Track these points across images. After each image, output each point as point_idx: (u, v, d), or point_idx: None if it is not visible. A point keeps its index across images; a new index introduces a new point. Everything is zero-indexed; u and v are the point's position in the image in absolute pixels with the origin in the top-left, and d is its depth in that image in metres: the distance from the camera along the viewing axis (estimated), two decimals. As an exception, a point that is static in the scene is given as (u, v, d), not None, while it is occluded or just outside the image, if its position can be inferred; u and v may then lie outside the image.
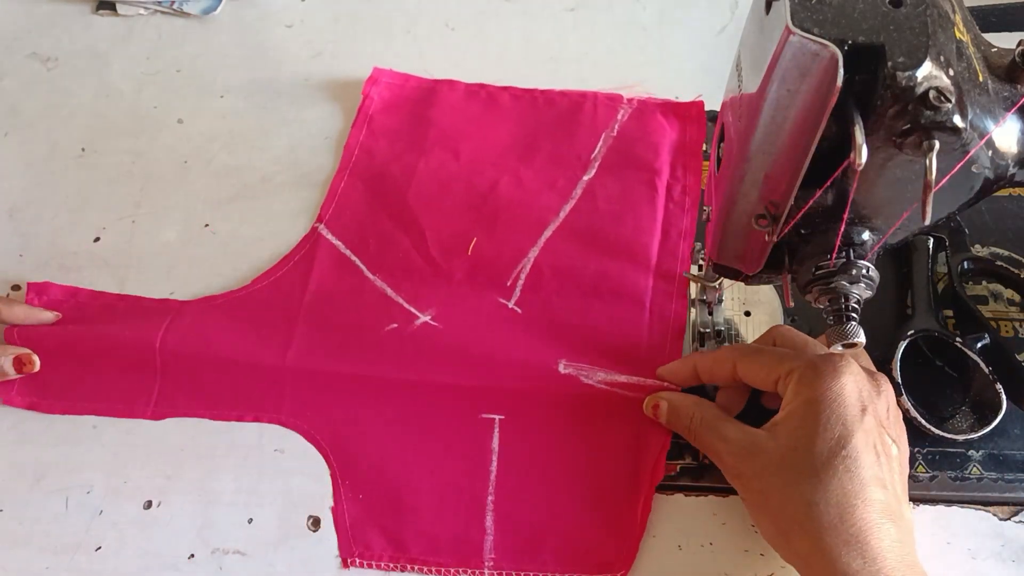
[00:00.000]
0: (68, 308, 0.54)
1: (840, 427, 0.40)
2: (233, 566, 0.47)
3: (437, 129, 0.60)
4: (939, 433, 0.47)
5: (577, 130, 0.59)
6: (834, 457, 0.39)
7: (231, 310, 0.54)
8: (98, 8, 0.68)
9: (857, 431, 0.40)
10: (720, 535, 0.47)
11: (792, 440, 0.41)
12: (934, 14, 0.30)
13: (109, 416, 0.51)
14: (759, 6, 0.33)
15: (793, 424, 0.41)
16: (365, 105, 0.62)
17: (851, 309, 0.37)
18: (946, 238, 0.53)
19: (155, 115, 0.63)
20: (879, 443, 0.41)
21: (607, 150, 0.58)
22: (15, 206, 0.60)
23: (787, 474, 0.40)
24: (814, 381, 0.41)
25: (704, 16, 0.67)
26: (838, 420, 0.40)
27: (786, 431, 0.41)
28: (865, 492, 0.39)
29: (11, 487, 0.50)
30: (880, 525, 0.38)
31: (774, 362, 0.44)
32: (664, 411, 0.48)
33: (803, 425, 0.41)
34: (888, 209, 0.36)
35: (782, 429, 0.42)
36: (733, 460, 0.43)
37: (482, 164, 0.58)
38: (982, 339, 0.49)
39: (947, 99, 0.29)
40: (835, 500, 0.39)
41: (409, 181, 0.58)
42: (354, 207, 0.57)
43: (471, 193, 0.57)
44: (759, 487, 0.42)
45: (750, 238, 0.39)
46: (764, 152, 0.34)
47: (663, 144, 0.58)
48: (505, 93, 0.62)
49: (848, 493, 0.39)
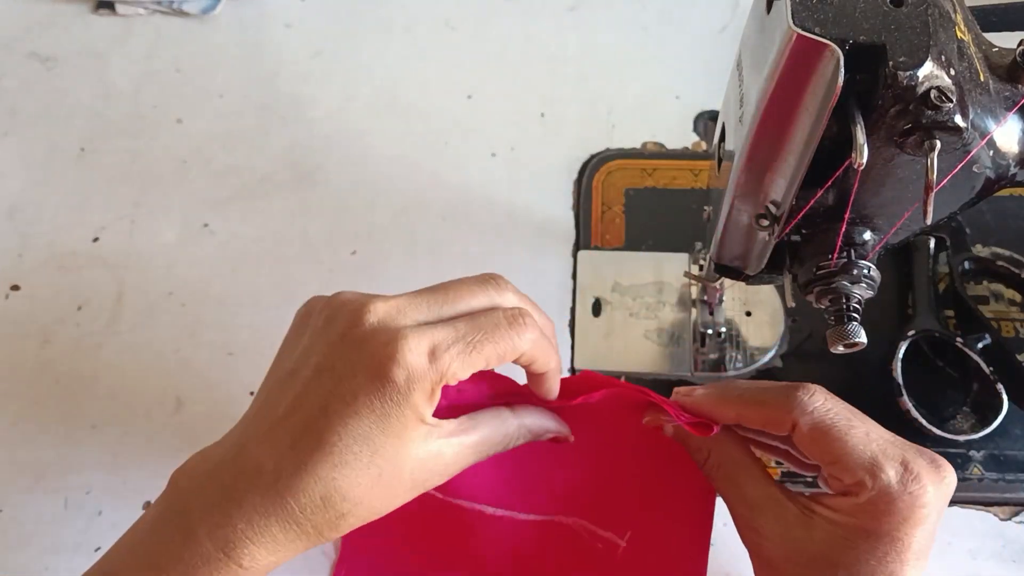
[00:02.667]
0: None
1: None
2: (233, 567, 0.47)
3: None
4: (940, 433, 0.47)
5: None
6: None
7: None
8: (97, 8, 0.68)
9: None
10: (721, 535, 0.47)
11: (837, 553, 0.34)
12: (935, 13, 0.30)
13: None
14: (760, 5, 0.33)
15: (849, 537, 0.34)
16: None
17: (852, 309, 0.37)
18: (947, 238, 0.52)
19: (154, 115, 0.63)
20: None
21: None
22: (14, 206, 0.60)
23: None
24: (923, 502, 0.34)
25: (704, 16, 0.67)
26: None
27: (836, 538, 0.35)
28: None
29: (11, 487, 0.50)
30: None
31: (862, 442, 0.35)
32: (670, 428, 0.41)
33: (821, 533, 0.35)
34: (889, 209, 0.36)
35: (828, 529, 0.35)
36: (747, 527, 0.38)
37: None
38: (983, 339, 0.49)
39: (948, 99, 0.29)
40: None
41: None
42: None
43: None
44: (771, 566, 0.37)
45: (751, 238, 0.39)
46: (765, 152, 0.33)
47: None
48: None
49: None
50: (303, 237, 0.58)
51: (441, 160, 0.61)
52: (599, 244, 0.57)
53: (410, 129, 0.62)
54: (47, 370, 0.54)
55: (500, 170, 0.60)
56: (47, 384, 0.54)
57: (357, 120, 0.63)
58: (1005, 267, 0.52)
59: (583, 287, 0.56)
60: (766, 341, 0.53)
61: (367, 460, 0.33)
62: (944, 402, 0.49)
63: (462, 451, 0.36)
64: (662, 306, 0.54)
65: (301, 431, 0.33)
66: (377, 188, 0.60)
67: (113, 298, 0.56)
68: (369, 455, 0.33)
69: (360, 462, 0.33)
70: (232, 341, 0.55)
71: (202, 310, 0.56)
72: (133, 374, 0.54)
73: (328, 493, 0.33)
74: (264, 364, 0.54)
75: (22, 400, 0.53)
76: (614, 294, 0.55)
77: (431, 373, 0.33)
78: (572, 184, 0.60)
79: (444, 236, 0.58)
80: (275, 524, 0.33)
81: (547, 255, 0.57)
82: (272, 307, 0.56)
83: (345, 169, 0.61)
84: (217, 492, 0.34)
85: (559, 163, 0.60)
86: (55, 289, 0.57)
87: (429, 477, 0.36)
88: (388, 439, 0.33)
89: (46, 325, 0.56)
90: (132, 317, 0.56)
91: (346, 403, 0.33)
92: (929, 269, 0.52)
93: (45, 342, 0.55)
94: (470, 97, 0.64)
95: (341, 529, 0.34)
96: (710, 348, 0.52)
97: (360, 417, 0.33)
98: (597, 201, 0.59)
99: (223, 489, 0.34)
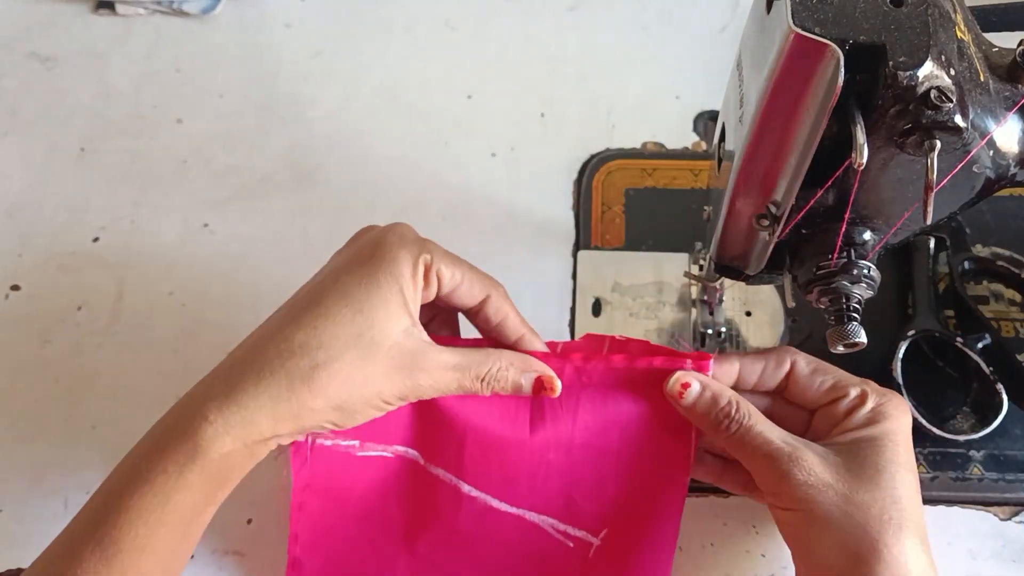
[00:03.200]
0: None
1: (912, 475, 0.38)
2: (232, 567, 0.47)
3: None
4: (940, 433, 0.47)
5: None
6: (907, 518, 0.37)
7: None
8: (97, 8, 0.68)
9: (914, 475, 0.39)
10: (721, 535, 0.47)
11: (862, 470, 0.38)
12: (935, 13, 0.30)
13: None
14: (760, 5, 0.33)
15: (868, 454, 0.38)
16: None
17: (852, 309, 0.37)
18: (947, 238, 0.52)
19: (154, 115, 0.63)
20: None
21: None
22: (14, 206, 0.60)
23: (847, 518, 0.36)
24: (898, 414, 0.40)
25: (704, 16, 0.67)
26: (910, 464, 0.39)
27: (858, 458, 0.38)
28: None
29: (11, 487, 0.50)
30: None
31: (846, 375, 0.41)
32: (694, 393, 0.41)
33: (884, 459, 0.38)
34: (889, 209, 0.36)
35: (851, 454, 0.38)
36: (772, 474, 0.38)
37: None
38: (983, 339, 0.49)
39: (948, 99, 0.29)
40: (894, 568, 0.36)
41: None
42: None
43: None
44: (803, 519, 0.38)
45: (751, 238, 0.39)
46: (765, 152, 0.34)
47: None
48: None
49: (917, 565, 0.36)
50: (303, 237, 0.58)
51: (441, 160, 0.61)
52: (599, 244, 0.57)
53: (410, 129, 0.62)
54: (47, 370, 0.54)
55: (500, 170, 0.60)
56: (47, 384, 0.54)
57: (357, 120, 0.63)
58: (1005, 267, 0.52)
59: (583, 287, 0.56)
60: (766, 341, 0.53)
61: (349, 317, 0.36)
62: (944, 402, 0.49)
63: (443, 366, 0.39)
64: (662, 306, 0.54)
65: (303, 298, 0.38)
66: (377, 188, 0.60)
67: (113, 298, 0.56)
68: (351, 313, 0.36)
69: (343, 315, 0.36)
70: (232, 341, 0.54)
71: (202, 310, 0.56)
72: (133, 374, 0.54)
73: (307, 339, 0.36)
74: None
75: (22, 400, 0.53)
76: (614, 294, 0.55)
77: (416, 247, 0.38)
78: (572, 184, 0.60)
79: (444, 236, 0.57)
80: (250, 374, 0.36)
81: (547, 255, 0.57)
82: (272, 307, 0.55)
83: (345, 169, 0.61)
84: (215, 373, 0.38)
85: (559, 163, 0.60)
86: (55, 289, 0.57)
87: (407, 376, 0.38)
88: (370, 298, 0.37)
89: (46, 325, 0.56)
90: (132, 317, 0.56)
91: (342, 268, 0.38)
92: (929, 269, 0.52)
93: (45, 342, 0.55)
94: (470, 97, 0.64)
95: (312, 384, 0.36)
96: (710, 348, 0.52)
97: (350, 274, 0.37)
98: (597, 201, 0.59)
99: (220, 369, 0.38)
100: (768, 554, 0.47)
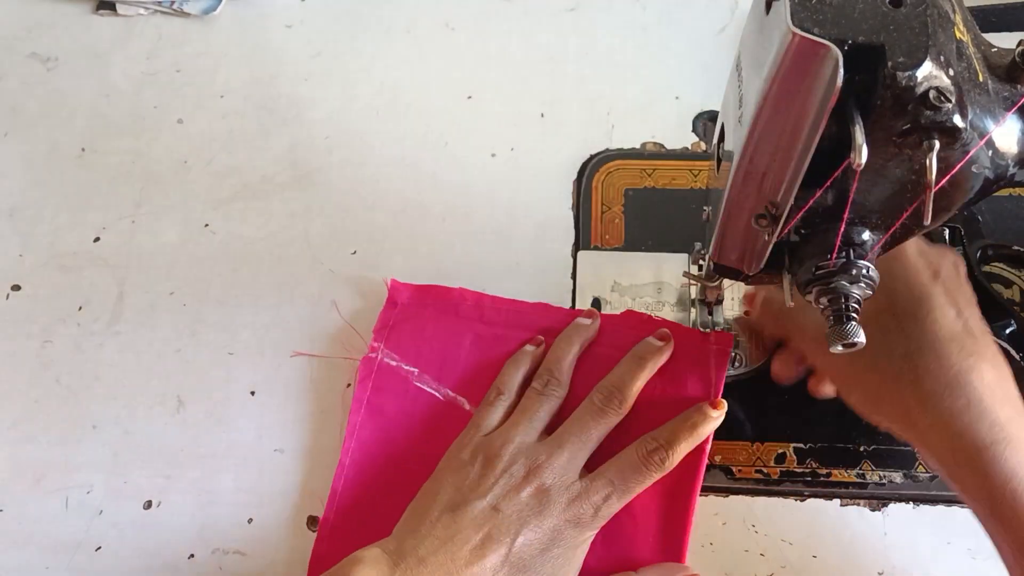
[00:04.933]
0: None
1: (917, 287, 0.41)
2: (233, 566, 0.47)
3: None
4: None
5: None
6: (918, 310, 0.40)
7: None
8: (98, 8, 0.69)
9: (934, 289, 0.41)
10: (720, 535, 0.47)
11: (873, 306, 0.41)
12: (934, 14, 0.30)
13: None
14: (759, 6, 0.33)
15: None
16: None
17: (851, 309, 0.37)
18: (961, 227, 0.52)
19: (155, 115, 0.63)
20: (957, 301, 0.41)
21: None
22: (15, 206, 0.60)
23: (875, 336, 0.39)
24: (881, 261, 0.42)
25: (704, 16, 0.67)
26: (914, 281, 0.41)
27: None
28: (956, 339, 0.39)
29: (11, 487, 0.50)
30: (977, 367, 0.39)
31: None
32: (759, 301, 0.49)
33: (879, 293, 0.40)
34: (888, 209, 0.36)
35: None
36: (816, 337, 0.43)
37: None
38: (1009, 326, 0.48)
39: (947, 99, 0.29)
40: (928, 346, 0.39)
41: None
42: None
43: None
44: (848, 357, 0.40)
45: (750, 238, 0.39)
46: (764, 152, 0.34)
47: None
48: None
49: (940, 339, 0.39)
50: (303, 237, 0.58)
51: (441, 160, 0.61)
52: (599, 244, 0.57)
53: (410, 129, 0.62)
54: (48, 370, 0.54)
55: (500, 170, 0.61)
56: (48, 384, 0.54)
57: (357, 120, 0.63)
58: (1020, 251, 0.52)
59: (583, 287, 0.56)
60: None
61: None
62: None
63: None
64: (662, 306, 0.54)
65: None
66: (377, 188, 0.60)
67: (114, 298, 0.56)
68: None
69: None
70: (232, 341, 0.55)
71: (203, 310, 0.56)
72: (134, 374, 0.54)
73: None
74: (264, 364, 0.55)
75: (22, 400, 0.53)
76: (614, 294, 0.55)
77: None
78: (572, 184, 0.60)
79: (444, 236, 0.58)
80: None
81: (547, 255, 0.57)
82: (272, 307, 0.56)
83: (345, 169, 0.61)
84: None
85: (559, 163, 0.60)
86: (56, 289, 0.57)
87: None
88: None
89: (47, 325, 0.56)
90: (133, 317, 0.56)
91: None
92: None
93: (46, 342, 0.55)
94: (470, 97, 0.64)
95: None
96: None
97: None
98: (597, 201, 0.59)
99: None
100: (768, 554, 0.47)
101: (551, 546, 0.42)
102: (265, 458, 0.50)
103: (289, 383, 0.53)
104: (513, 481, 0.43)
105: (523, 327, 0.52)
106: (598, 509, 0.44)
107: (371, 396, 0.51)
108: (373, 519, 0.47)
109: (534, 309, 0.53)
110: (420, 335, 0.53)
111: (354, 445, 0.50)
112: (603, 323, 0.52)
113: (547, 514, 0.43)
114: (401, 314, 0.54)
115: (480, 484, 0.44)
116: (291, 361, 0.53)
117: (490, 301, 0.54)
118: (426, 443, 0.49)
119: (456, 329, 0.53)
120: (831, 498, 0.48)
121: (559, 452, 0.45)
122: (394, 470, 0.49)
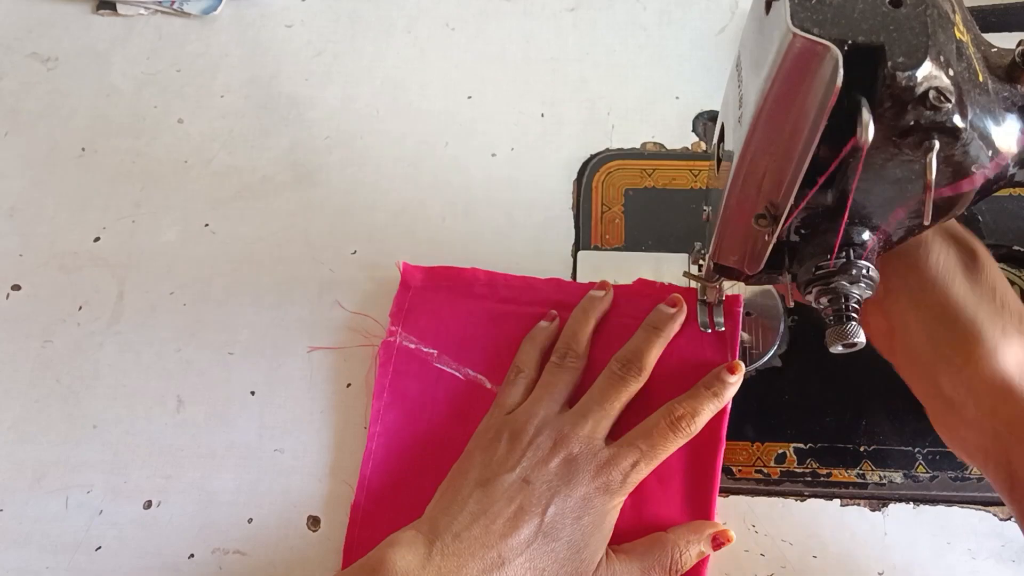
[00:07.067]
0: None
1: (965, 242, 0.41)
2: (233, 566, 0.47)
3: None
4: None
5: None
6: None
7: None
8: (98, 8, 0.69)
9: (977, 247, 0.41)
10: (720, 535, 0.47)
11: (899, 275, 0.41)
12: (934, 14, 0.30)
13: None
14: (759, 6, 0.33)
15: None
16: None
17: (851, 309, 0.37)
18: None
19: (155, 115, 0.64)
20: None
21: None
22: (15, 206, 0.60)
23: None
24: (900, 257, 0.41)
25: (704, 16, 0.67)
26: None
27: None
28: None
29: (11, 487, 0.50)
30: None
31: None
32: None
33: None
34: (888, 209, 0.36)
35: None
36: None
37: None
38: None
39: (947, 99, 0.29)
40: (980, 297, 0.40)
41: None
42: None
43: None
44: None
45: (750, 238, 0.39)
46: (764, 152, 0.34)
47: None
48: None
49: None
50: (303, 237, 0.58)
51: (441, 160, 0.61)
52: (599, 244, 0.57)
53: (410, 129, 0.62)
54: (48, 370, 0.54)
55: (500, 170, 0.61)
56: (47, 384, 0.54)
57: (357, 120, 0.63)
58: (1020, 250, 0.52)
59: (583, 287, 0.56)
60: (766, 341, 0.53)
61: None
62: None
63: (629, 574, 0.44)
64: (662, 306, 0.54)
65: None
66: (377, 188, 0.60)
67: (114, 298, 0.56)
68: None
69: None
70: (232, 341, 0.55)
71: (203, 310, 0.56)
72: (134, 374, 0.54)
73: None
74: (264, 364, 0.55)
75: (22, 400, 0.53)
76: (614, 294, 0.55)
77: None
78: (572, 184, 0.60)
79: (444, 236, 0.58)
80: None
81: (547, 255, 0.57)
82: (272, 307, 0.56)
83: (345, 169, 0.61)
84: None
85: (559, 163, 0.60)
86: (56, 289, 0.57)
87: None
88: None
89: (47, 325, 0.56)
90: (133, 317, 0.56)
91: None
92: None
93: (46, 342, 0.55)
94: (470, 97, 0.64)
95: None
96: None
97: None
98: (597, 201, 0.59)
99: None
100: (768, 554, 0.47)
101: (582, 514, 0.43)
102: (265, 458, 0.50)
103: (289, 383, 0.53)
104: (541, 453, 0.44)
105: (537, 303, 0.53)
106: (627, 475, 0.44)
107: (393, 380, 0.51)
108: (404, 502, 0.47)
109: (547, 284, 0.54)
110: (436, 316, 0.53)
111: (379, 429, 0.50)
112: (616, 294, 0.52)
113: (576, 483, 0.43)
114: (416, 296, 0.54)
115: (508, 459, 0.44)
116: (291, 361, 0.53)
117: (503, 279, 0.54)
118: (451, 423, 0.50)
119: (471, 308, 0.54)
120: (831, 498, 0.48)
121: (583, 422, 0.45)
122: (421, 452, 0.49)
